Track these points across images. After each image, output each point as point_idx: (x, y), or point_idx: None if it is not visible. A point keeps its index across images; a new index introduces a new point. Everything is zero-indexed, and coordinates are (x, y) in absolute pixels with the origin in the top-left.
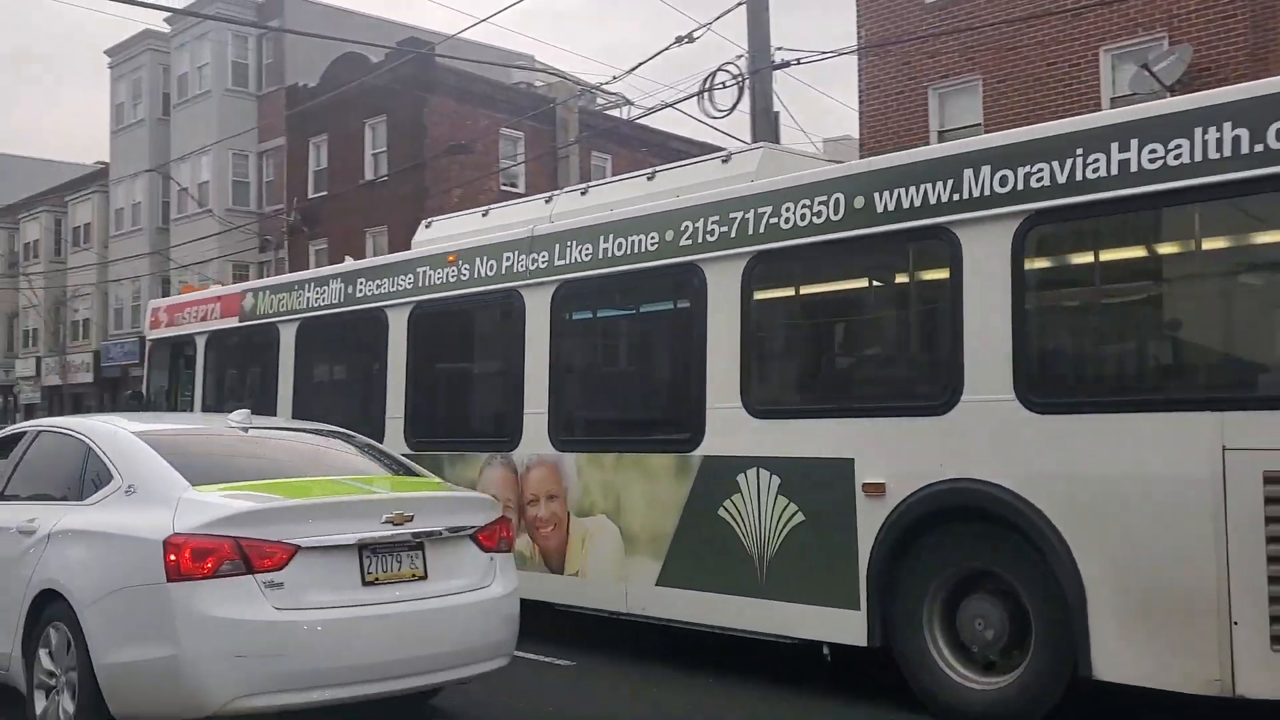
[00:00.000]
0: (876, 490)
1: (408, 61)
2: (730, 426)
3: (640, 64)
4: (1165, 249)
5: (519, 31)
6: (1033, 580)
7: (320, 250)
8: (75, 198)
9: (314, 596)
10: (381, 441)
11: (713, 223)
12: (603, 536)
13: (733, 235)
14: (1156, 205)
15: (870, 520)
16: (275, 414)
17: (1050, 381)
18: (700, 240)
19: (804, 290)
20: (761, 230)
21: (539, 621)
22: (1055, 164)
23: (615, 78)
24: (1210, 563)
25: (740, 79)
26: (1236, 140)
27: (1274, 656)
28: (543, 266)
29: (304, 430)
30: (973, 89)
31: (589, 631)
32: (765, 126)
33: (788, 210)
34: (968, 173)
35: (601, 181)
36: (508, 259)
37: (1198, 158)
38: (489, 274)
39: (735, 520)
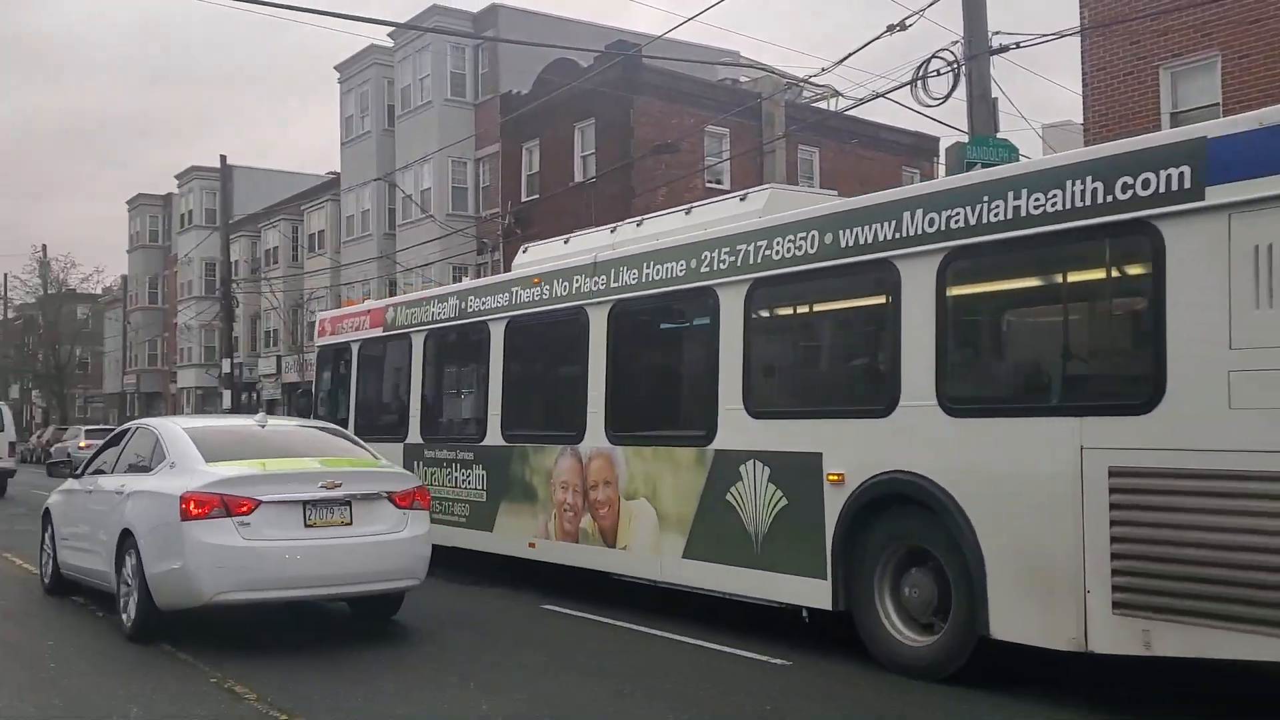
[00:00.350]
0: (838, 479)
1: (615, 64)
2: (735, 425)
3: (849, 55)
4: (1043, 281)
5: (725, 28)
6: (951, 556)
7: None
8: (310, 206)
9: (270, 532)
10: (485, 435)
11: (724, 253)
12: (643, 516)
13: (738, 264)
14: (1037, 244)
15: (834, 504)
16: (410, 409)
17: (961, 389)
18: (715, 268)
19: (787, 311)
20: (758, 261)
21: (752, 620)
22: (968, 208)
23: (824, 70)
24: (1071, 541)
25: (956, 65)
26: (1095, 191)
27: (1114, 619)
28: (602, 288)
29: (302, 426)
30: (1209, 67)
31: (804, 630)
32: (983, 114)
33: (777, 244)
34: (906, 214)
35: (652, 215)
36: (577, 281)
37: (1066, 205)
38: (563, 294)
39: (738, 503)
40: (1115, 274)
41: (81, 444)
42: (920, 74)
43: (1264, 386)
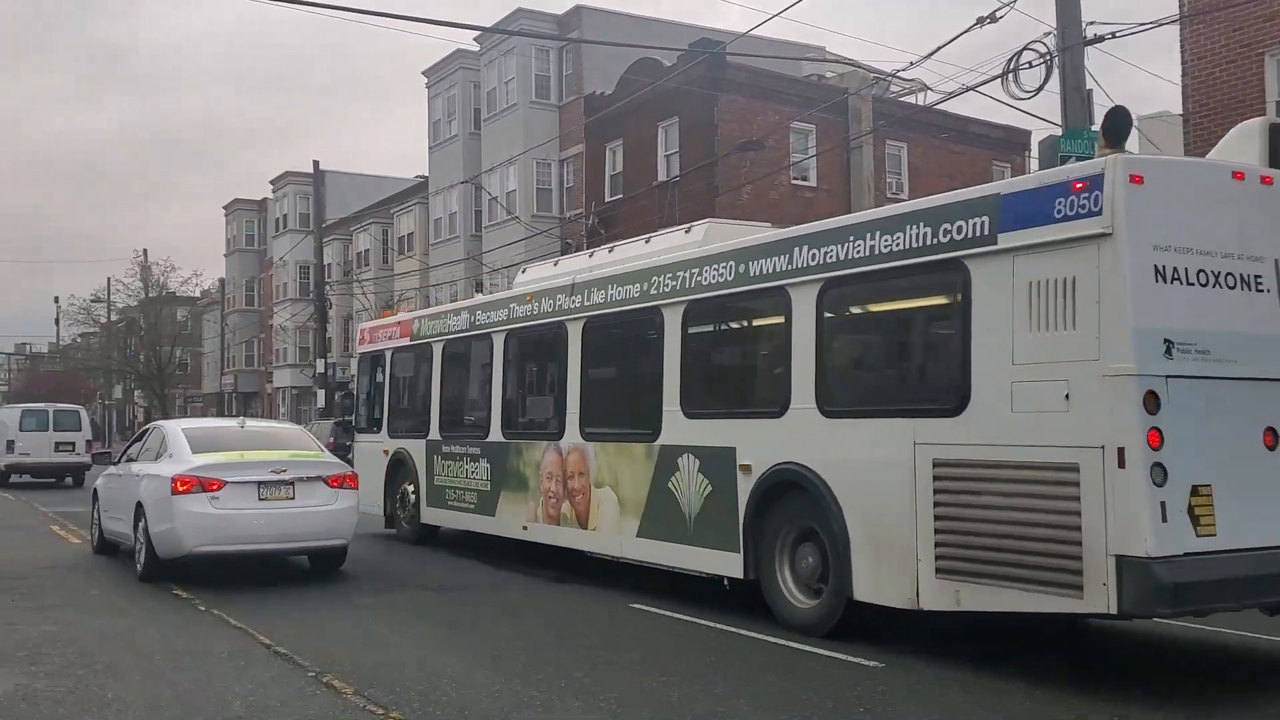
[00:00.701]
0: (747, 469)
1: (699, 62)
2: (675, 424)
3: (939, 48)
4: (891, 306)
5: (810, 24)
6: (828, 532)
7: None
8: (399, 210)
9: (233, 503)
10: (489, 433)
11: (668, 279)
12: (609, 502)
13: (677, 288)
14: (884, 277)
15: (744, 489)
16: (432, 409)
17: (833, 396)
18: (660, 291)
19: (712, 328)
20: (693, 285)
21: (848, 624)
22: (838, 246)
23: (912, 63)
24: (908, 519)
25: (1048, 57)
26: (926, 233)
27: (937, 581)
28: (577, 306)
29: (270, 426)
30: None
31: (897, 632)
32: (1077, 106)
33: (706, 272)
34: (796, 249)
35: (622, 243)
36: (559, 300)
37: (906, 245)
38: (548, 310)
39: (677, 489)
40: (939, 302)
41: None
42: (1012, 66)
43: (1034, 394)
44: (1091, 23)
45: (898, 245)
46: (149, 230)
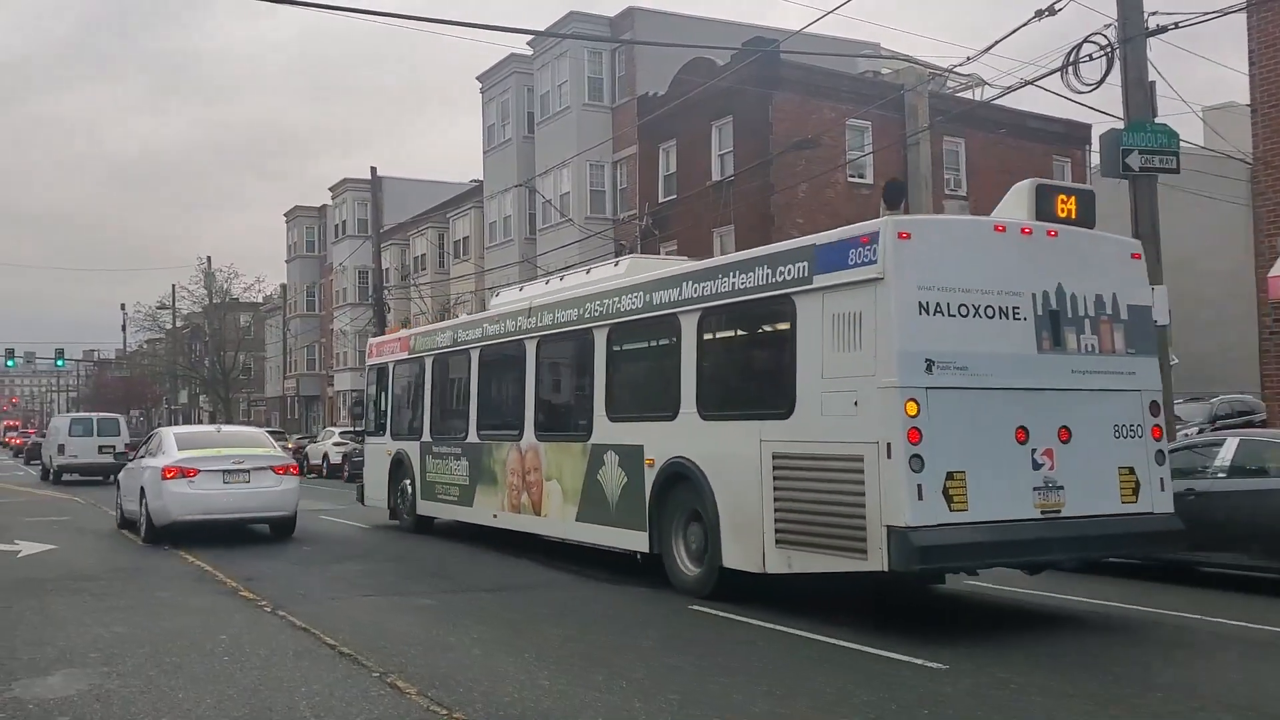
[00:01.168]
0: (651, 463)
1: (752, 61)
2: (602, 426)
3: (996, 42)
4: (744, 332)
5: (866, 20)
6: (707, 513)
7: (670, 252)
8: (455, 214)
9: (205, 486)
10: (468, 434)
11: (597, 305)
12: (556, 493)
13: (603, 313)
14: (742, 308)
15: (649, 480)
16: (424, 415)
17: (708, 403)
18: (591, 315)
19: (627, 347)
20: (614, 311)
21: (909, 624)
22: (709, 282)
23: (969, 58)
24: (757, 501)
25: (1109, 49)
26: (768, 274)
27: (776, 550)
28: (533, 326)
29: (239, 430)
30: None
31: (961, 634)
32: (1139, 99)
33: (622, 301)
34: (684, 284)
35: (571, 272)
36: (519, 320)
37: (755, 283)
38: (511, 329)
39: (603, 481)
40: (777, 330)
41: None
42: (1071, 59)
43: (836, 401)
44: (1154, 13)
45: (750, 283)
46: (212, 237)
